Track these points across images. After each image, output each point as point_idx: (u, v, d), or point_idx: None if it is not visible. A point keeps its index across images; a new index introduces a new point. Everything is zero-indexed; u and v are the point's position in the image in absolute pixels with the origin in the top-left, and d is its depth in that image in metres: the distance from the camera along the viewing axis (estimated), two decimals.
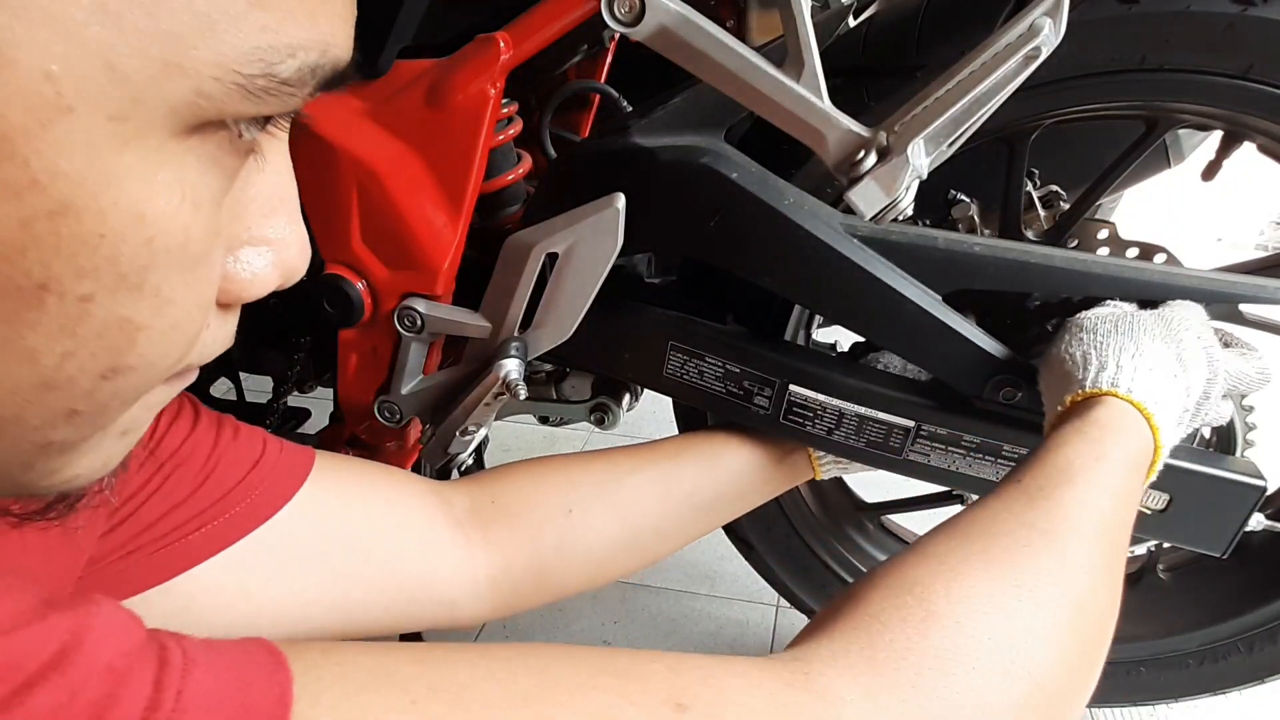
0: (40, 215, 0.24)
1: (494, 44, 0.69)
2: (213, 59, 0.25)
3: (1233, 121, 0.77)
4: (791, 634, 1.23)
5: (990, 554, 0.47)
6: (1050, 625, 0.45)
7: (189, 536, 0.54)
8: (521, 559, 0.70)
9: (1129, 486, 0.55)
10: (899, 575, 0.46)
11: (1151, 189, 1.13)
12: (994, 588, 0.45)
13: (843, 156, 0.67)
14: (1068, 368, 0.64)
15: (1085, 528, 0.49)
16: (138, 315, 0.27)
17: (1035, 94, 0.75)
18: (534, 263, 0.71)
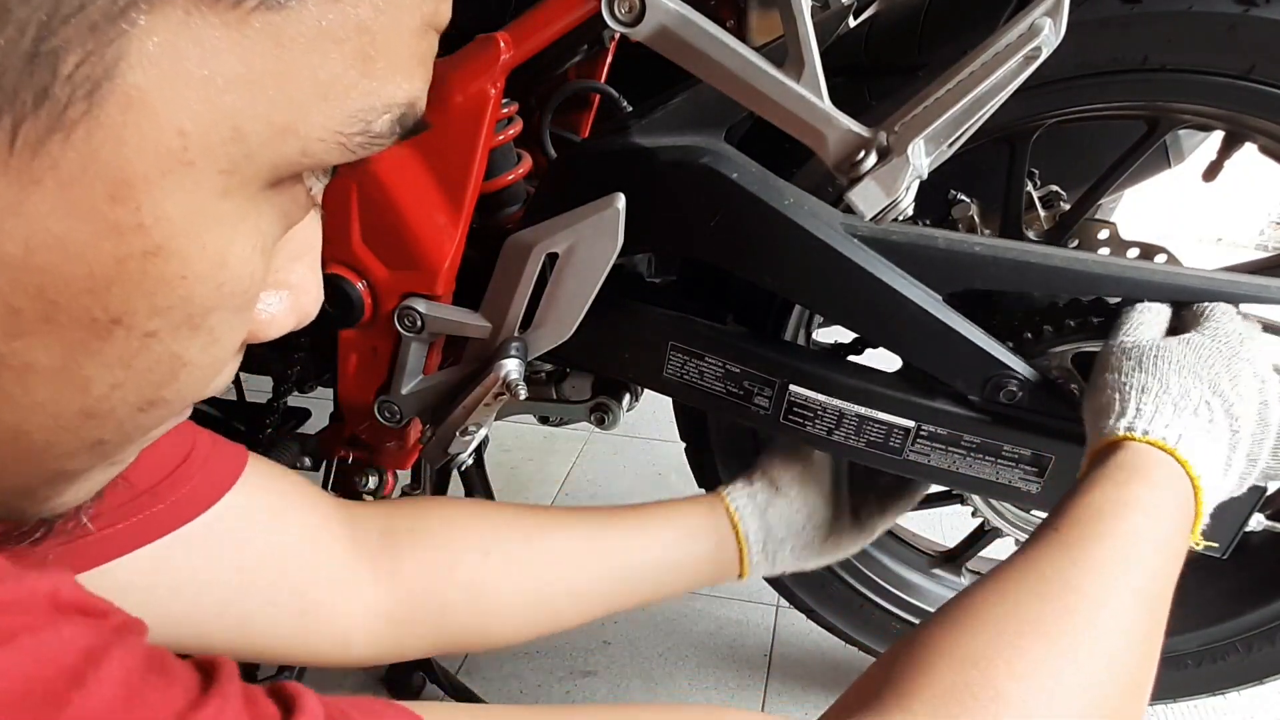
0: (136, 254, 0.25)
1: (494, 44, 0.69)
2: (322, 123, 0.27)
3: (1234, 122, 0.77)
4: (791, 634, 1.23)
5: (1043, 624, 0.48)
6: (1100, 700, 0.46)
7: (107, 530, 0.51)
8: (425, 592, 0.67)
9: (1168, 534, 0.54)
10: (961, 647, 0.47)
11: (1152, 189, 1.13)
12: (1052, 666, 0.46)
13: (843, 156, 0.67)
14: (1099, 407, 0.62)
15: (1124, 588, 0.50)
16: (188, 353, 0.28)
17: (1036, 93, 0.75)
18: (534, 263, 0.71)
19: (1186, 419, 0.58)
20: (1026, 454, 0.77)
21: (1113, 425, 0.59)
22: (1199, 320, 0.67)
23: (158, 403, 0.29)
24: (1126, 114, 0.80)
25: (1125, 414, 0.59)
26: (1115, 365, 0.63)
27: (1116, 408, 0.60)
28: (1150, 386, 0.60)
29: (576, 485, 1.58)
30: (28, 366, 0.25)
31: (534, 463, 1.64)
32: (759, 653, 1.22)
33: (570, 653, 1.23)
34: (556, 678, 1.19)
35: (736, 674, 1.19)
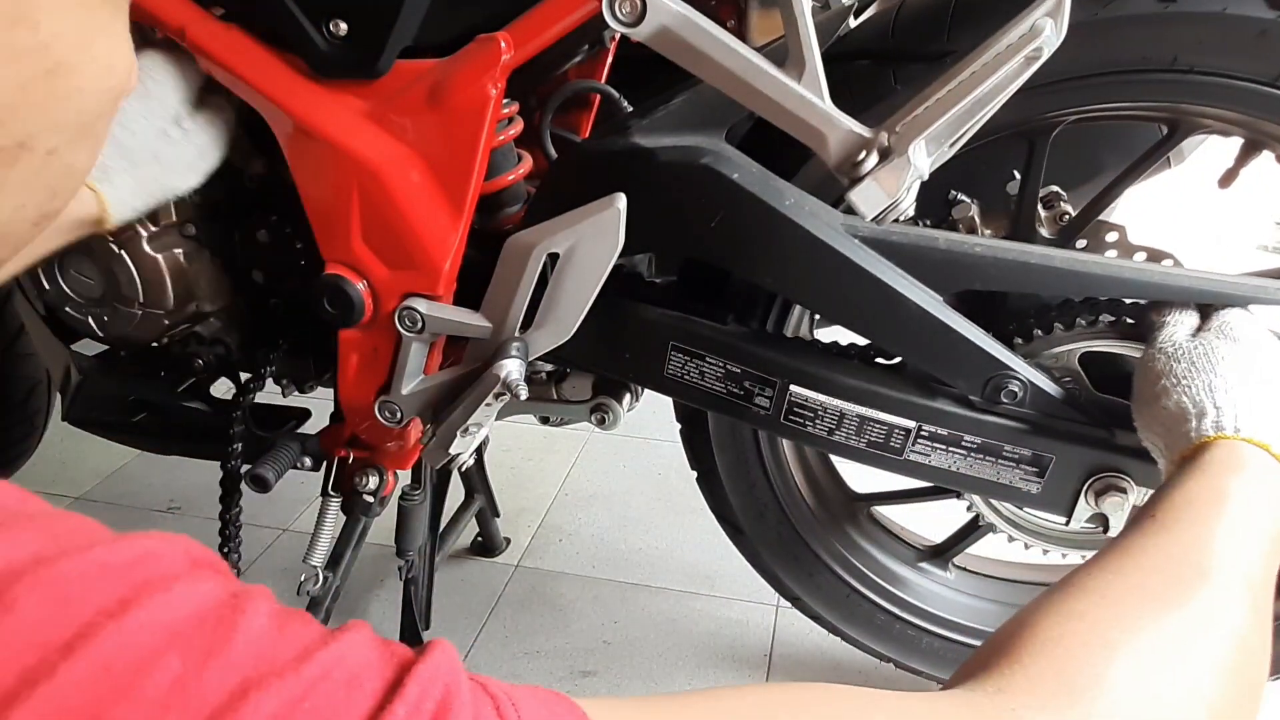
0: (39, 75, 0.26)
1: (495, 44, 0.69)
2: None
3: (1254, 129, 0.76)
4: (791, 634, 1.23)
5: (1150, 588, 0.48)
6: (1218, 661, 0.46)
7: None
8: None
9: (1268, 524, 0.54)
10: (1068, 608, 0.47)
11: (1151, 189, 1.13)
12: (1164, 624, 0.46)
13: (844, 157, 0.67)
14: (1168, 421, 0.63)
15: (1232, 565, 0.50)
16: (80, 160, 0.29)
17: (1059, 89, 0.74)
18: (534, 263, 0.71)
19: (1257, 407, 0.60)
20: (1027, 454, 0.77)
21: (1199, 428, 0.60)
22: (1217, 322, 0.69)
23: (50, 214, 0.30)
24: (1148, 115, 0.79)
25: (1206, 414, 0.60)
26: (1166, 370, 0.65)
27: (1193, 410, 0.61)
28: (1216, 384, 0.61)
29: (576, 485, 1.58)
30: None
31: (534, 463, 1.64)
32: (759, 653, 1.22)
33: (570, 653, 1.23)
34: (556, 678, 1.19)
35: (736, 674, 1.19)
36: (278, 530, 1.46)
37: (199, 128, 0.72)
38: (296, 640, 0.28)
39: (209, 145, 0.73)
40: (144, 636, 0.25)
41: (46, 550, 0.25)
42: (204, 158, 0.73)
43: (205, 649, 0.26)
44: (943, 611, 1.04)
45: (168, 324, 0.87)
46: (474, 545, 1.42)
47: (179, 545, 0.29)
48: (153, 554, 0.27)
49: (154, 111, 0.70)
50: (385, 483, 0.92)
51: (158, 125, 0.69)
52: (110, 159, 0.67)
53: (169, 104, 0.71)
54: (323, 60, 0.71)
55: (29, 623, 0.23)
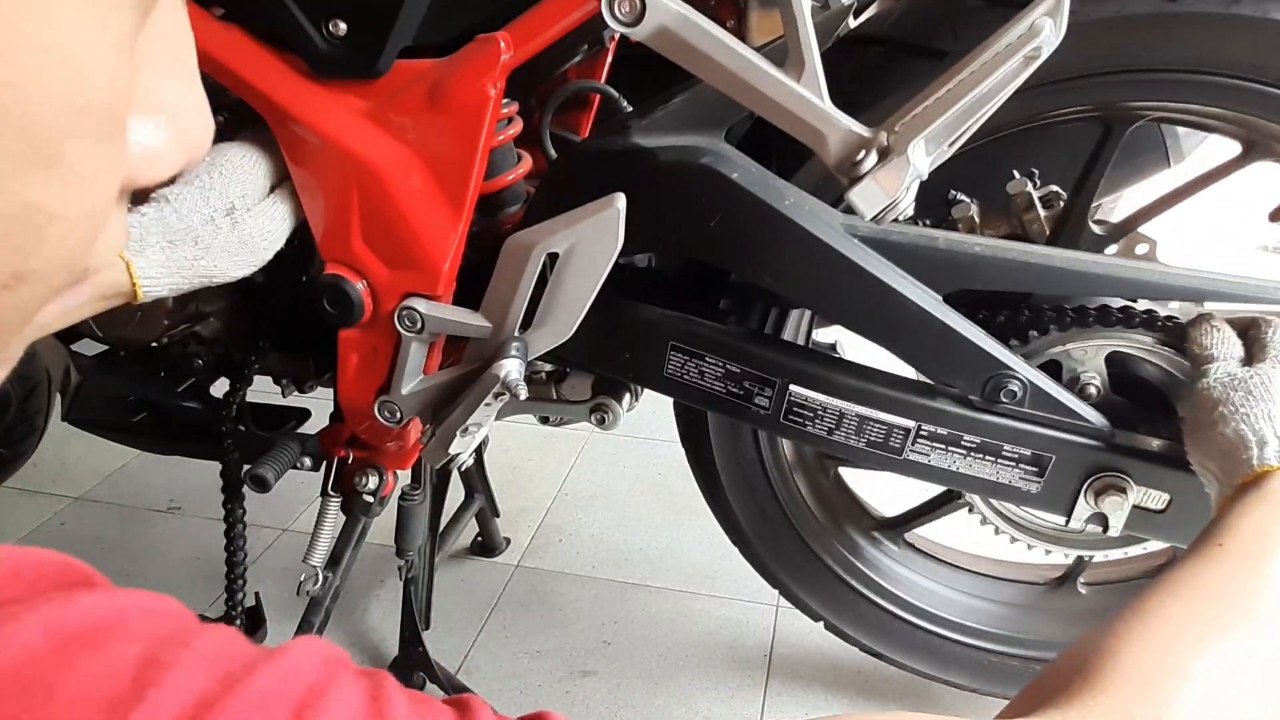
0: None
1: (495, 44, 0.69)
2: None
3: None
4: (791, 634, 1.23)
5: (1226, 621, 0.49)
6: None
7: None
8: None
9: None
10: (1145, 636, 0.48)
11: (1150, 188, 1.13)
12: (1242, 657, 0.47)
13: (843, 157, 0.67)
14: (1226, 448, 0.64)
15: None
16: (49, 200, 0.21)
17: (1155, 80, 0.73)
18: (534, 263, 0.71)
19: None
20: (1026, 454, 0.77)
21: (1261, 456, 0.61)
22: (1273, 351, 0.69)
23: (25, 275, 0.22)
24: (1218, 123, 0.78)
25: (1268, 443, 0.61)
26: (1224, 398, 0.66)
27: (1253, 438, 0.62)
28: (1275, 414, 0.63)
29: (576, 485, 1.58)
30: None
31: (534, 463, 1.64)
32: (759, 653, 1.22)
33: (570, 653, 1.23)
34: (556, 678, 1.19)
35: (736, 674, 1.19)
36: (278, 530, 1.46)
37: (249, 220, 0.72)
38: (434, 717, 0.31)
39: (256, 238, 0.72)
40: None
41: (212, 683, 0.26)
42: (249, 249, 0.72)
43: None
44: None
45: (167, 324, 0.87)
46: (474, 545, 1.42)
47: (315, 649, 0.30)
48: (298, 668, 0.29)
49: (209, 200, 0.70)
50: (385, 483, 0.92)
51: (206, 212, 0.69)
52: (149, 233, 0.67)
53: (227, 195, 0.71)
54: (322, 60, 0.71)
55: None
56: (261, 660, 0.28)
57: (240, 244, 0.71)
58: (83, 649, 0.25)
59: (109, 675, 0.24)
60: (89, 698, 0.24)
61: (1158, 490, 0.77)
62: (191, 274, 0.69)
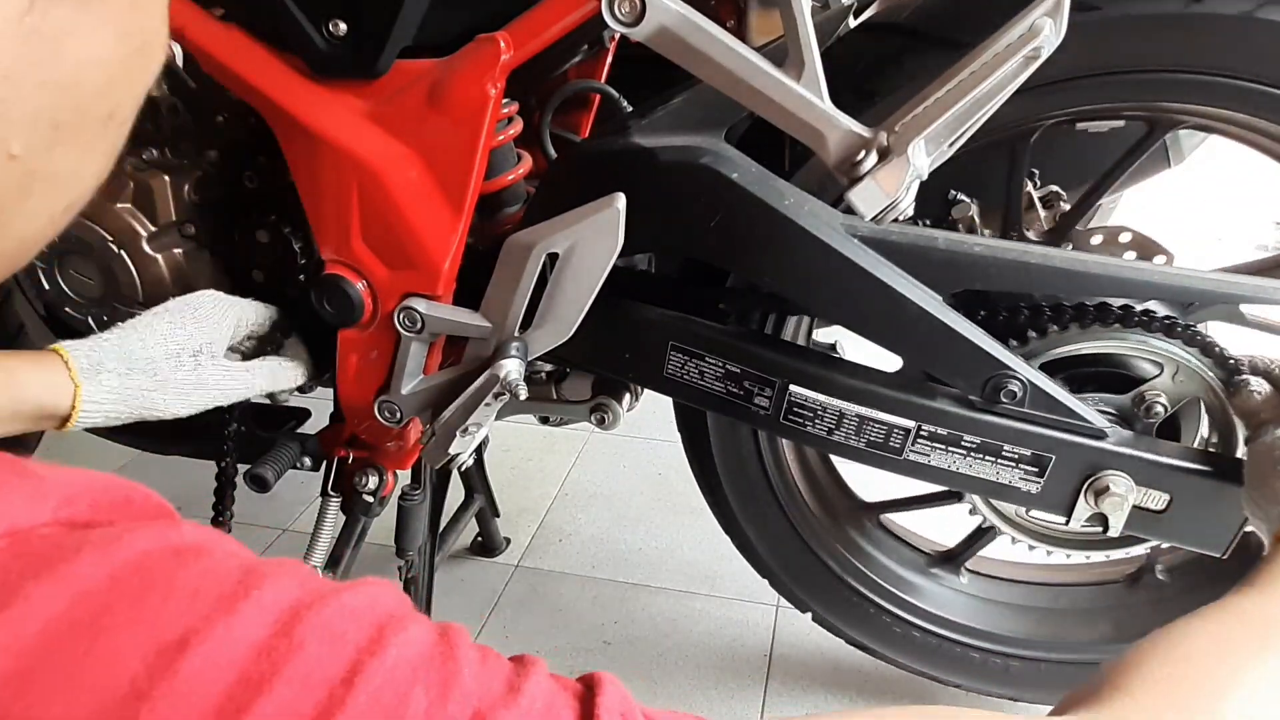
0: (132, 52, 0.28)
1: (495, 44, 0.69)
2: None
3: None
4: (791, 634, 1.23)
5: (1253, 639, 0.49)
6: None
7: None
8: None
9: None
10: (1173, 651, 0.48)
11: (1151, 189, 1.13)
12: (1269, 670, 0.47)
13: (843, 157, 0.67)
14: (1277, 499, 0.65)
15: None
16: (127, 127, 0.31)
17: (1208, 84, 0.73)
18: (534, 263, 0.71)
19: None
20: (1027, 454, 0.77)
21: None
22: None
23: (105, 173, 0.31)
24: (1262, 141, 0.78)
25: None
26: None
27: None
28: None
29: (576, 485, 1.58)
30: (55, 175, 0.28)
31: (534, 463, 1.64)
32: (759, 653, 1.22)
33: (570, 653, 1.23)
34: None
35: (736, 674, 1.19)
36: (278, 530, 1.46)
37: (213, 366, 0.73)
38: (499, 672, 0.32)
39: (210, 386, 0.73)
40: (399, 672, 0.28)
41: (305, 595, 0.29)
42: (201, 392, 0.72)
43: (442, 682, 0.29)
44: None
45: None
46: (474, 545, 1.42)
47: (391, 589, 0.33)
48: (378, 598, 0.31)
49: (176, 337, 0.71)
50: (385, 483, 0.92)
51: (173, 348, 0.70)
52: (108, 357, 0.67)
53: (196, 337, 0.72)
54: (322, 60, 0.71)
55: (315, 660, 0.27)
56: (346, 587, 0.31)
57: (195, 386, 0.72)
58: (193, 556, 0.28)
59: (219, 576, 0.28)
60: (204, 590, 0.27)
61: (1158, 490, 0.77)
62: (137, 405, 0.69)
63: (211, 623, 0.26)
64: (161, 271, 0.84)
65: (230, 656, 0.26)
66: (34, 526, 0.27)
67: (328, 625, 0.28)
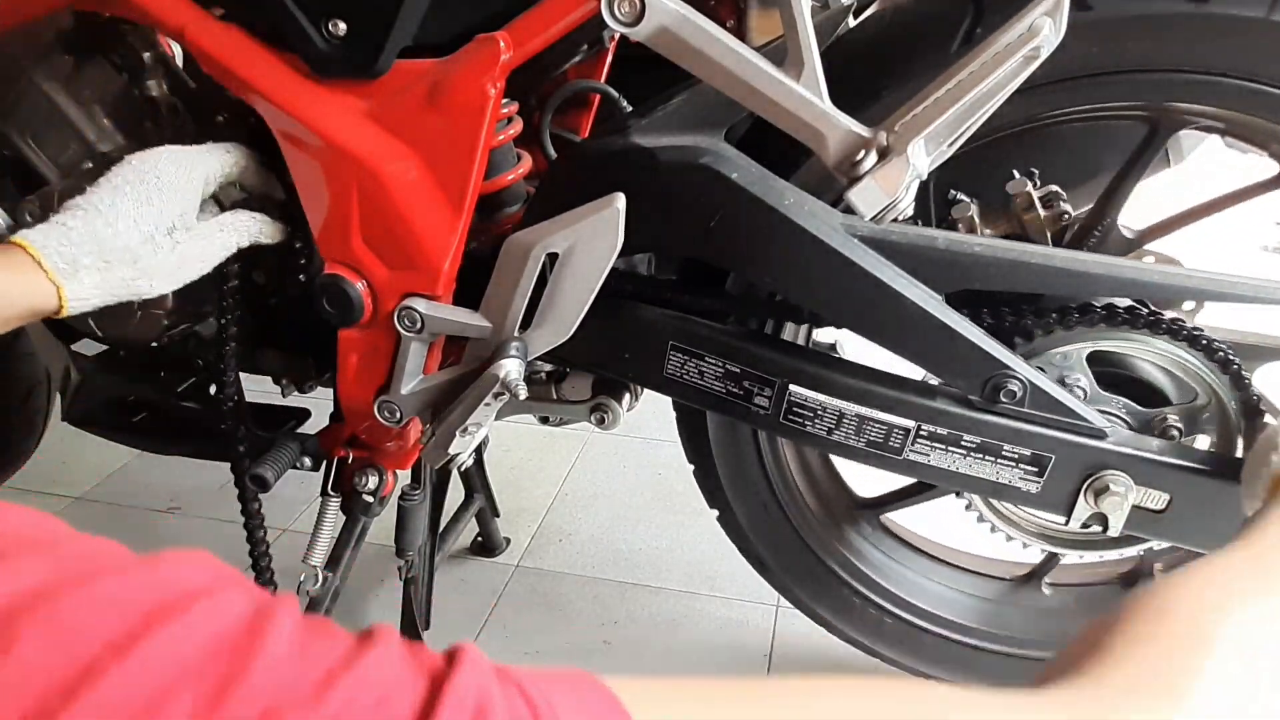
0: None
1: (494, 44, 0.69)
2: None
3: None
4: (791, 634, 1.23)
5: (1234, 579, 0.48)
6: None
7: None
8: None
9: None
10: (1151, 605, 0.47)
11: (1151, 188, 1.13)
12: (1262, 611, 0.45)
13: (843, 157, 0.67)
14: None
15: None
16: None
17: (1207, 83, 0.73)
18: (534, 263, 0.71)
19: None
20: (1026, 454, 0.77)
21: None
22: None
23: None
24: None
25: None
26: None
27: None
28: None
29: (576, 485, 1.58)
30: None
31: (534, 463, 1.64)
32: (759, 653, 1.22)
33: (570, 652, 1.23)
34: None
35: (736, 674, 1.19)
36: (278, 530, 1.46)
37: (190, 239, 0.69)
38: (319, 663, 0.27)
39: (195, 258, 0.70)
40: (153, 674, 0.23)
41: (51, 582, 0.24)
42: (185, 268, 0.69)
43: (220, 682, 0.24)
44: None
45: (167, 324, 0.87)
46: (474, 545, 1.42)
47: (198, 562, 0.28)
48: (167, 578, 0.26)
49: (147, 217, 0.66)
50: (385, 483, 0.92)
51: (146, 230, 0.66)
52: (84, 254, 0.63)
53: (167, 212, 0.67)
54: (322, 60, 0.71)
55: (29, 664, 0.22)
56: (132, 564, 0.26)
57: (178, 265, 0.68)
58: None
59: None
60: None
61: (1158, 490, 0.77)
62: (125, 293, 0.66)
63: None
64: None
65: None
66: None
67: (65, 618, 0.23)
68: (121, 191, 0.66)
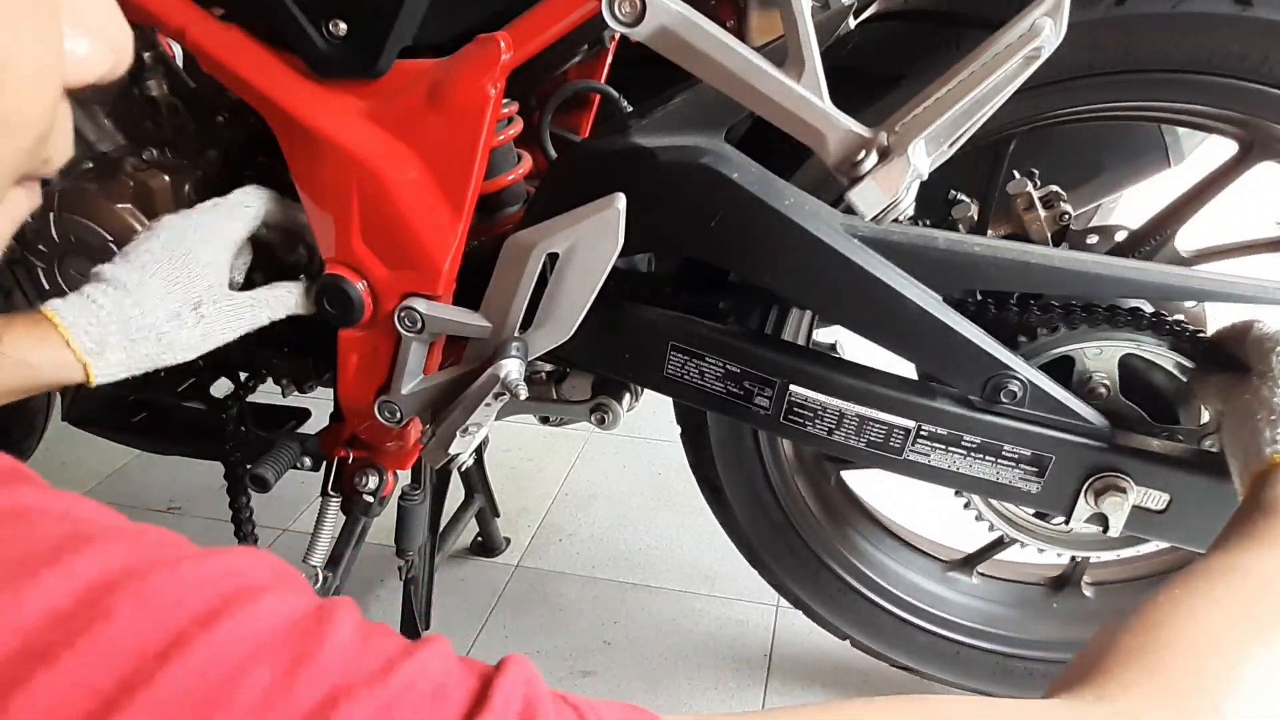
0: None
1: (495, 44, 0.69)
2: None
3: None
4: (791, 634, 1.23)
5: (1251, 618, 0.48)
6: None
7: None
8: None
9: None
10: (1147, 619, 0.48)
11: (1151, 188, 1.13)
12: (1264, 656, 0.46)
13: (843, 157, 0.67)
14: (1245, 436, 0.65)
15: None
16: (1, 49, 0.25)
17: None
18: (534, 263, 0.71)
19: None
20: (1026, 454, 0.77)
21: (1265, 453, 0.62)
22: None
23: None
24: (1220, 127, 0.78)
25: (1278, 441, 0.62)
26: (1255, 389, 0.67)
27: (1266, 434, 0.63)
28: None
29: (576, 485, 1.58)
30: None
31: (534, 463, 1.64)
32: (759, 653, 1.22)
33: (570, 653, 1.23)
34: (557, 677, 1.19)
35: (736, 674, 1.19)
36: (278, 530, 1.46)
37: (218, 312, 0.70)
38: (380, 651, 0.29)
39: (219, 330, 0.71)
40: (235, 646, 0.25)
41: (137, 562, 0.26)
42: (209, 340, 0.70)
43: (293, 659, 0.26)
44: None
45: None
46: (474, 545, 1.42)
47: (264, 560, 0.30)
48: (239, 568, 0.28)
49: (174, 295, 0.67)
50: (385, 483, 0.92)
51: (173, 308, 0.67)
52: (111, 334, 0.65)
53: (194, 290, 0.68)
54: (322, 60, 0.71)
55: (126, 631, 0.24)
56: (201, 555, 0.28)
57: (202, 337, 0.69)
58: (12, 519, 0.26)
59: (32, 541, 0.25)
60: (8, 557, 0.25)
61: (1158, 490, 0.77)
62: (149, 365, 0.68)
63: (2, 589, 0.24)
64: None
65: (16, 625, 0.23)
66: None
67: (154, 594, 0.26)
68: (150, 270, 0.67)
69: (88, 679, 0.23)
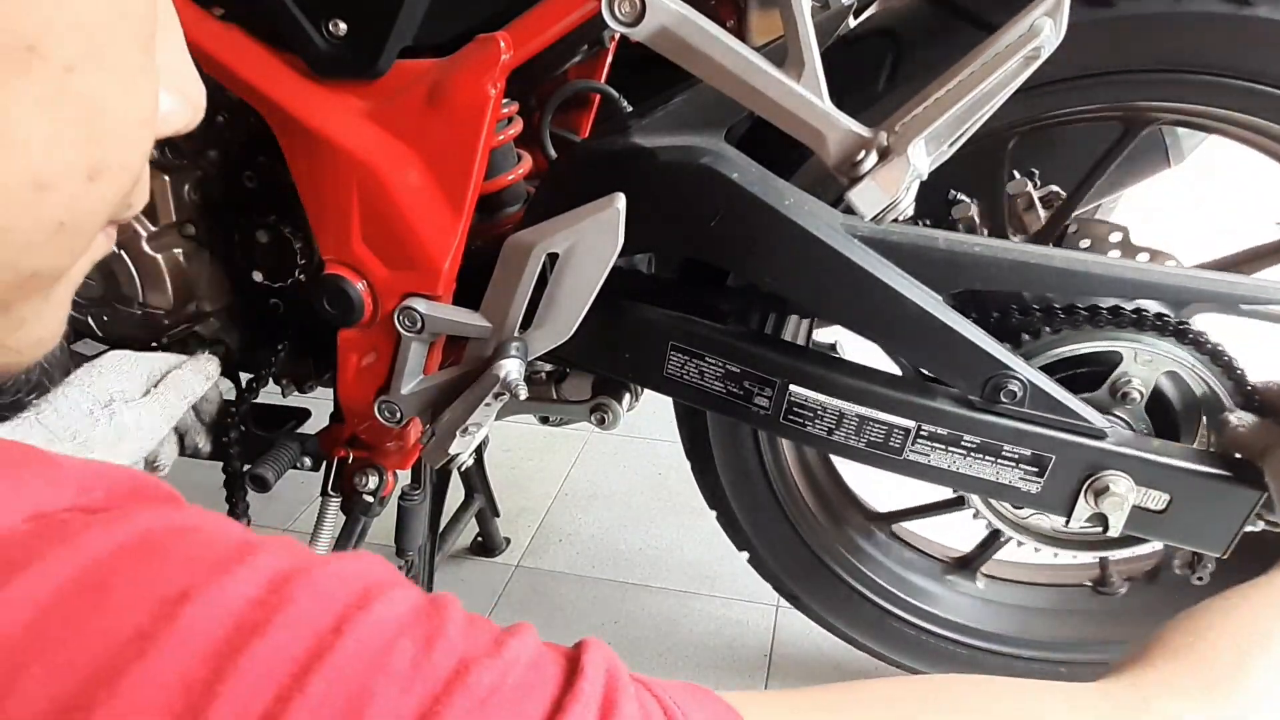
0: None
1: (495, 44, 0.69)
2: None
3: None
4: (791, 634, 1.23)
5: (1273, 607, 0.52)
6: None
7: None
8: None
9: None
10: (1193, 624, 0.51)
11: (1151, 188, 1.13)
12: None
13: (843, 157, 0.67)
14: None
15: None
16: (109, 98, 0.28)
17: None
18: (534, 263, 0.71)
19: None
20: (1026, 454, 0.77)
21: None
22: None
23: (102, 170, 0.29)
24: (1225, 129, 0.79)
25: None
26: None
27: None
28: None
29: (576, 485, 1.58)
30: None
31: (534, 463, 1.64)
32: (759, 653, 1.22)
33: None
34: None
35: (736, 674, 1.19)
36: (278, 530, 1.46)
37: (126, 412, 0.72)
38: (486, 631, 0.35)
39: (132, 430, 0.73)
40: (383, 626, 0.31)
41: (299, 561, 0.32)
42: (126, 441, 0.72)
43: (427, 636, 0.32)
44: None
45: (168, 324, 0.87)
46: (474, 545, 1.42)
47: (380, 561, 0.36)
48: (367, 568, 0.34)
49: (88, 395, 0.71)
50: (385, 483, 0.92)
51: (85, 406, 0.71)
52: (30, 439, 0.66)
53: (106, 389, 0.72)
54: (322, 60, 0.71)
55: (306, 612, 0.30)
56: (336, 557, 0.34)
57: (117, 436, 0.72)
58: (193, 531, 0.31)
59: (216, 546, 0.31)
60: (202, 556, 0.30)
61: (1158, 490, 0.77)
62: None
63: (209, 581, 0.29)
64: (162, 271, 0.84)
65: (227, 608, 0.29)
66: (55, 511, 0.30)
67: (317, 585, 0.31)
68: (71, 384, 0.72)
69: (288, 647, 0.29)
